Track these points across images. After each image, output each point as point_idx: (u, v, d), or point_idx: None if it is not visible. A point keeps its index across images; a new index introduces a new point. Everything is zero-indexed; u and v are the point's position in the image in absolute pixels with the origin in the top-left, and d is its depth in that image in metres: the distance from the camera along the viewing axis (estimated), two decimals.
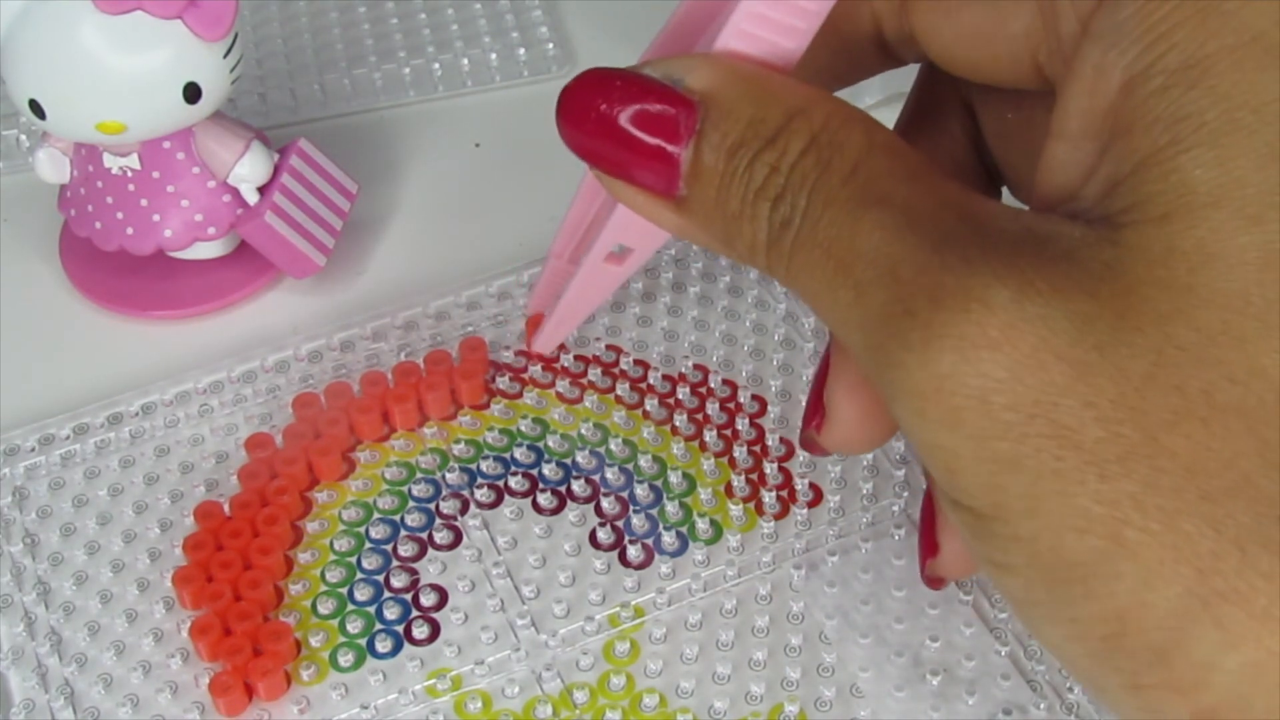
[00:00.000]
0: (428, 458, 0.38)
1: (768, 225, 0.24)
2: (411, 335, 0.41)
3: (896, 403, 0.22)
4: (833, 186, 0.23)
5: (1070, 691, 0.33)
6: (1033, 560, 0.22)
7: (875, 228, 0.23)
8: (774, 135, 0.24)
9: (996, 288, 0.21)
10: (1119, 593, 0.21)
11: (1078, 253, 0.22)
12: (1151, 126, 0.22)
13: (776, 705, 0.33)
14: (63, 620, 0.35)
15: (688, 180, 0.25)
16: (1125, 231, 0.22)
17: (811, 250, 0.23)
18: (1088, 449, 0.21)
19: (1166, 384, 0.21)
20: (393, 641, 0.34)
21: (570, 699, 0.33)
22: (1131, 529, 0.21)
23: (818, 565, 0.35)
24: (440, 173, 0.47)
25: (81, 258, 0.43)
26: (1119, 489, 0.21)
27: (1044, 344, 0.21)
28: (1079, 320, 0.21)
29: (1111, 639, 0.21)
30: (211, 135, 0.40)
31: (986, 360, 0.21)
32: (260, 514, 0.36)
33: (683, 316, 0.41)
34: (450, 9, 0.52)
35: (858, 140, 0.24)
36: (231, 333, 0.42)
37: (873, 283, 0.22)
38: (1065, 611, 0.22)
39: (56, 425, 0.39)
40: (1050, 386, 0.21)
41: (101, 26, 0.37)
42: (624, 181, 0.26)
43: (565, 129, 0.26)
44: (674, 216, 0.26)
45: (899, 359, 0.22)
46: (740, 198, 0.24)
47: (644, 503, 0.37)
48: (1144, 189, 0.22)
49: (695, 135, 0.24)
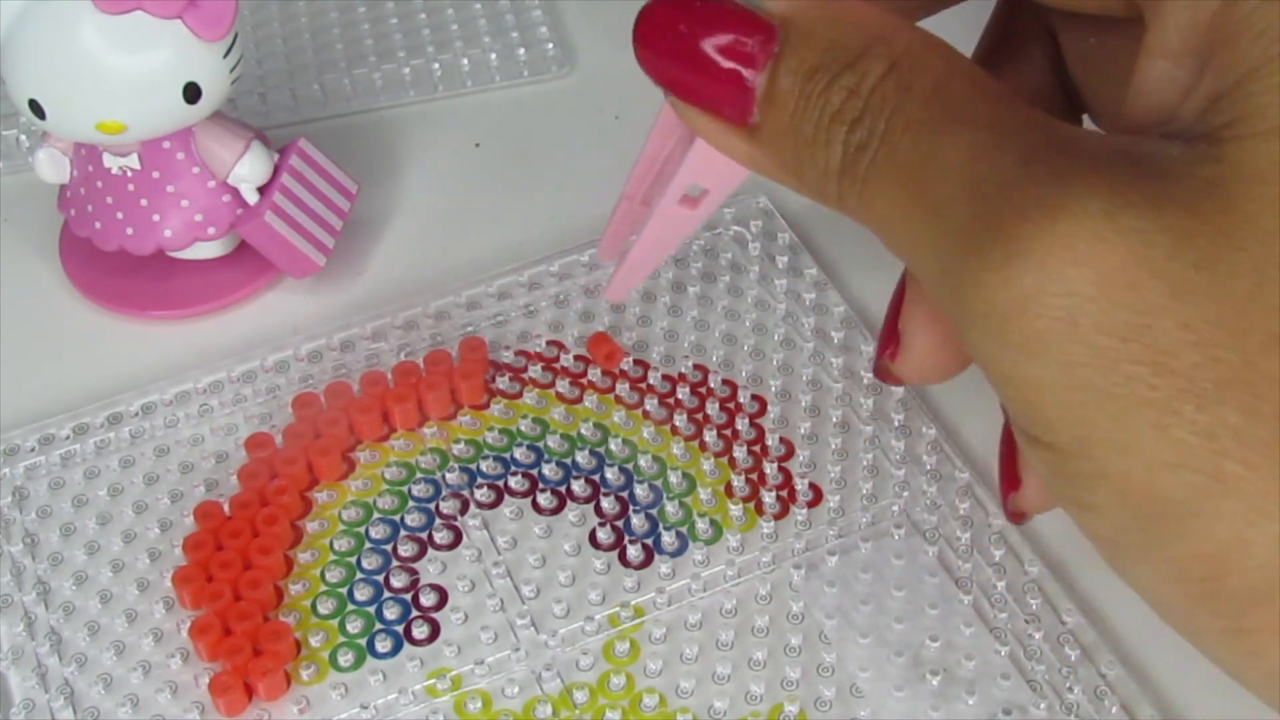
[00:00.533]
0: (427, 458, 0.38)
1: (843, 150, 0.23)
2: (411, 335, 0.41)
3: (973, 327, 0.21)
4: (913, 109, 0.22)
5: (1070, 691, 0.33)
6: (1122, 499, 0.21)
7: (959, 148, 0.22)
8: (854, 60, 0.23)
9: (1087, 198, 0.20)
10: (1218, 531, 0.20)
11: (1176, 169, 0.21)
12: (1259, 38, 0.21)
13: (776, 705, 0.33)
14: (63, 620, 0.35)
15: (762, 105, 0.24)
16: (1229, 147, 0.21)
17: (889, 174, 0.22)
18: (1184, 375, 0.20)
19: (1269, 305, 0.20)
20: (393, 641, 0.34)
21: (570, 699, 0.33)
22: (1231, 462, 0.19)
23: (817, 565, 0.35)
24: (440, 173, 0.47)
25: (81, 258, 0.43)
26: (1218, 418, 0.19)
27: (1138, 259, 0.20)
28: (1177, 235, 0.20)
29: (1211, 580, 0.20)
30: (211, 135, 0.40)
31: (1075, 277, 0.20)
32: (260, 514, 0.36)
33: (682, 317, 0.41)
34: (450, 9, 0.51)
35: (938, 65, 0.23)
36: (231, 333, 0.42)
37: (954, 199, 0.21)
38: (1159, 553, 0.21)
39: (56, 425, 0.39)
40: (1145, 306, 0.20)
41: (101, 26, 0.37)
42: (698, 108, 0.25)
43: (641, 51, 0.25)
44: (746, 146, 0.25)
45: (977, 278, 0.21)
46: (815, 122, 0.23)
47: (644, 503, 0.37)
48: (1250, 102, 0.21)
49: (773, 59, 0.24)
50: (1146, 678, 0.33)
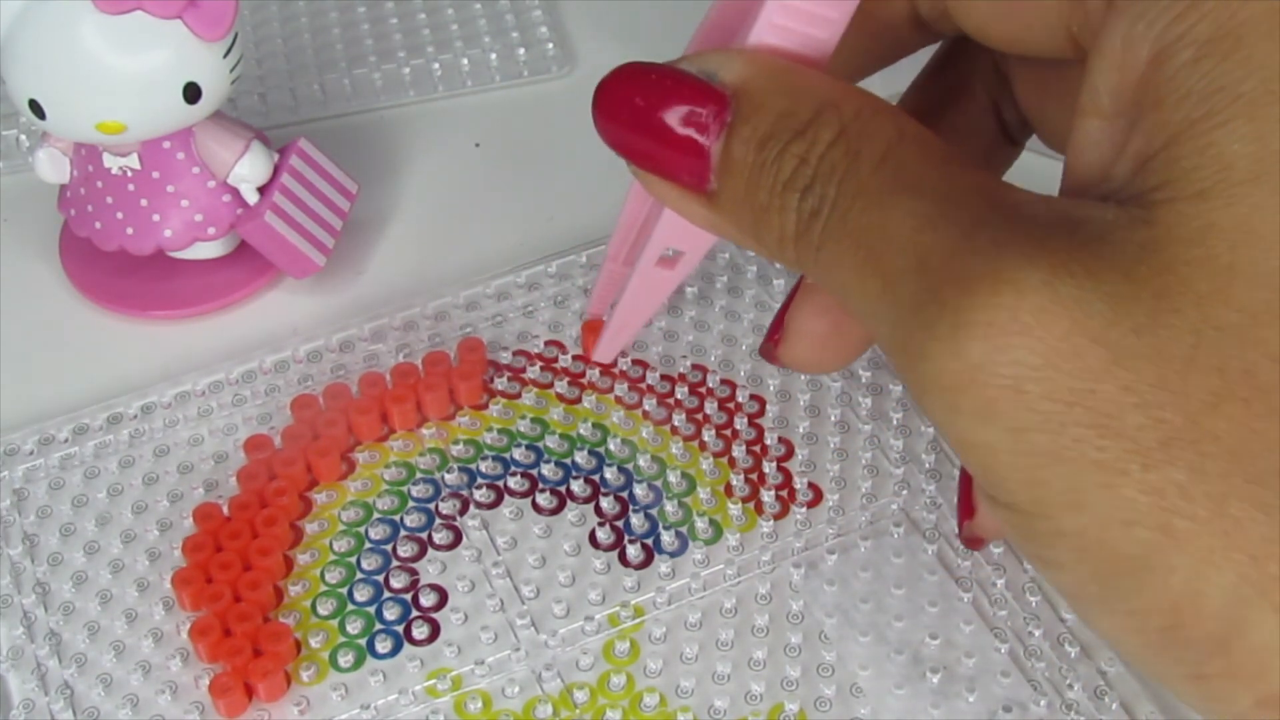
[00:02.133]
0: (427, 458, 0.38)
1: (796, 216, 0.24)
2: (410, 336, 0.41)
3: (927, 396, 0.22)
4: (862, 176, 0.23)
5: (1070, 689, 0.33)
6: (1081, 556, 0.21)
7: (906, 216, 0.22)
8: (803, 127, 0.24)
9: (1028, 270, 0.21)
10: (1172, 584, 0.20)
11: (1112, 234, 0.21)
12: (1184, 100, 0.21)
13: (776, 704, 0.33)
14: (62, 621, 0.35)
15: (718, 173, 0.25)
16: (1160, 210, 0.21)
17: (840, 240, 0.23)
18: (1129, 436, 0.20)
19: (1207, 365, 0.20)
20: (393, 642, 0.34)
21: (570, 699, 0.33)
22: (1180, 518, 0.20)
23: (817, 564, 0.35)
24: (440, 173, 0.47)
25: (81, 258, 0.43)
26: (1164, 477, 0.20)
27: (1079, 327, 0.20)
28: (1115, 302, 0.20)
29: (1169, 630, 0.21)
30: (211, 135, 0.40)
31: (1019, 347, 0.20)
32: (259, 515, 0.36)
33: (681, 316, 0.41)
34: (450, 9, 0.52)
35: (887, 131, 0.23)
36: (231, 333, 0.42)
37: (902, 272, 0.22)
38: (1119, 605, 0.21)
39: (56, 426, 0.39)
40: (1087, 372, 0.20)
41: (101, 26, 0.37)
42: (658, 176, 0.26)
43: (601, 122, 0.26)
44: (705, 211, 0.25)
45: (928, 350, 0.21)
46: (769, 189, 0.24)
47: (643, 502, 0.37)
48: (1178, 165, 0.21)
49: (726, 128, 0.24)
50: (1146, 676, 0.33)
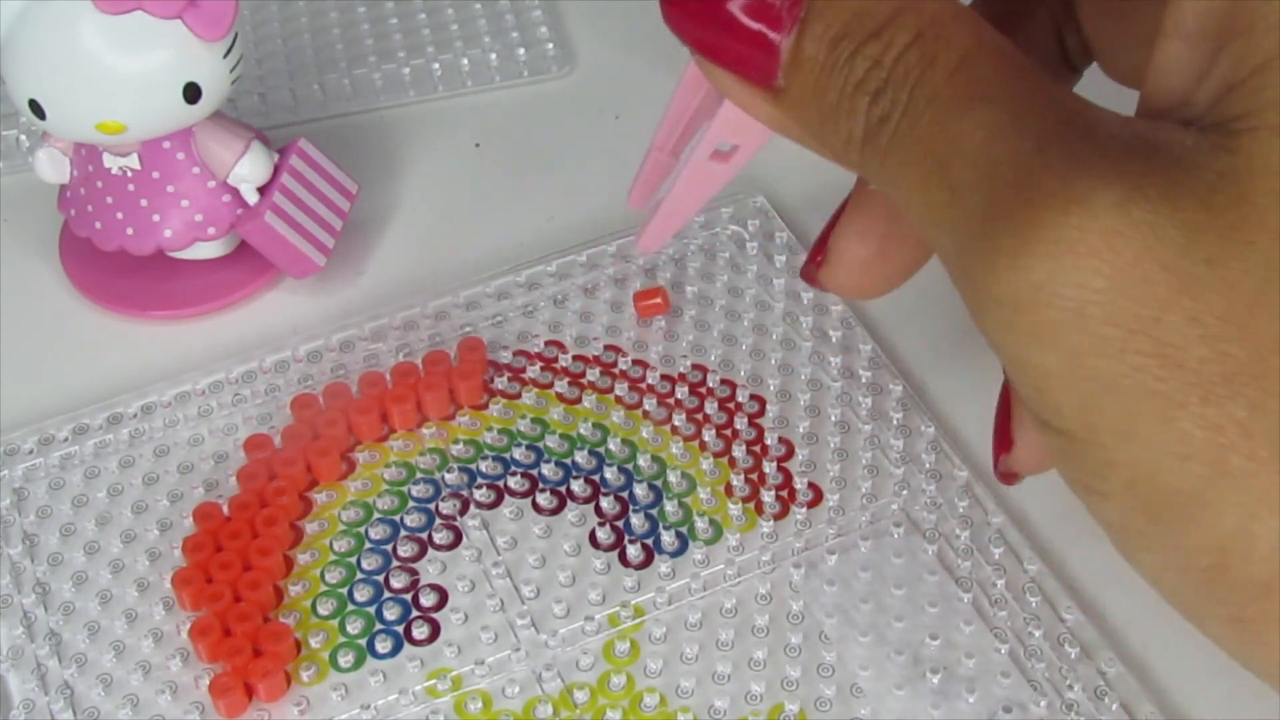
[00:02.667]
0: (427, 458, 0.38)
1: (865, 120, 0.23)
2: (410, 335, 0.41)
3: (985, 313, 0.21)
4: (936, 83, 0.22)
5: (1070, 689, 0.33)
6: (1130, 487, 0.21)
7: (978, 126, 0.22)
8: (879, 28, 0.23)
9: (1101, 190, 0.20)
10: (1223, 523, 0.20)
11: (1190, 160, 0.21)
12: (1273, 29, 0.21)
13: (777, 704, 0.33)
14: (62, 621, 0.35)
15: (787, 70, 0.24)
16: (1242, 139, 0.21)
17: (909, 148, 0.22)
18: (1191, 368, 0.20)
19: (1278, 303, 0.20)
20: (393, 642, 0.34)
21: (570, 699, 0.33)
22: (1237, 456, 0.20)
23: (817, 564, 0.35)
24: (440, 173, 0.47)
25: (81, 258, 0.43)
26: (1224, 412, 0.20)
27: (1149, 253, 0.20)
28: (1189, 230, 0.20)
29: (1214, 570, 0.20)
30: (211, 135, 0.40)
31: (1085, 269, 0.20)
32: (259, 515, 0.36)
33: (681, 316, 0.41)
34: (450, 9, 0.51)
35: (964, 37, 0.23)
36: (231, 333, 0.42)
37: (971, 183, 0.21)
38: (1165, 540, 0.21)
39: (56, 426, 0.39)
40: (1153, 300, 0.20)
41: (101, 26, 0.37)
42: (723, 68, 0.25)
43: (668, 10, 0.25)
44: (769, 108, 0.25)
45: (991, 264, 0.21)
46: (839, 90, 0.23)
47: (643, 502, 0.37)
48: (1264, 94, 0.21)
49: (799, 23, 0.23)
50: (1146, 675, 0.33)
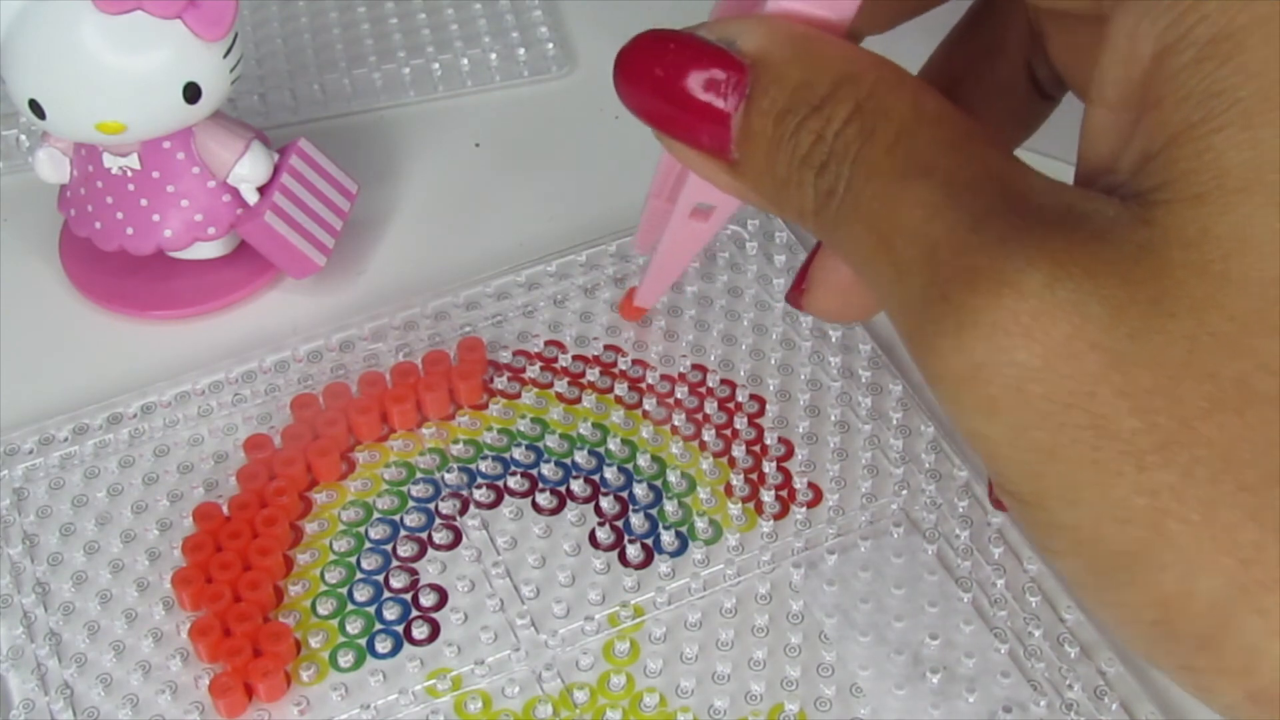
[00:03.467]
0: (426, 458, 0.38)
1: (814, 193, 0.24)
2: (410, 335, 0.41)
3: (934, 386, 0.22)
4: (875, 157, 0.23)
5: (1070, 689, 0.33)
6: (1077, 548, 0.22)
7: (915, 205, 0.22)
8: (820, 102, 0.24)
9: (1029, 271, 0.21)
10: (1164, 582, 0.21)
11: (1113, 232, 0.21)
12: (1183, 101, 0.21)
13: (777, 704, 0.33)
14: (62, 621, 0.35)
15: (739, 143, 0.24)
16: (1158, 211, 0.21)
17: (854, 223, 0.23)
18: (1125, 439, 0.20)
19: (1201, 371, 0.20)
20: (393, 642, 0.34)
21: (570, 699, 0.33)
22: (1172, 519, 0.20)
23: (817, 564, 0.35)
24: (440, 173, 0.47)
25: (81, 258, 0.43)
26: (1158, 479, 0.20)
27: (1077, 331, 0.21)
28: (1112, 306, 0.21)
29: (1160, 624, 0.21)
30: (211, 135, 0.40)
31: (1020, 348, 0.21)
32: (259, 515, 0.36)
33: (681, 316, 0.41)
34: (450, 9, 0.51)
35: (903, 109, 0.23)
36: (231, 333, 0.42)
37: (912, 263, 0.22)
38: (1112, 596, 0.22)
39: (56, 426, 0.39)
40: (1084, 375, 0.21)
41: (101, 26, 0.37)
42: (682, 142, 0.25)
43: (623, 90, 0.25)
44: (729, 178, 0.25)
45: (935, 345, 0.22)
46: (787, 164, 0.24)
47: (643, 502, 0.37)
48: (1176, 167, 0.21)
49: (745, 99, 0.24)
50: (1146, 675, 0.33)
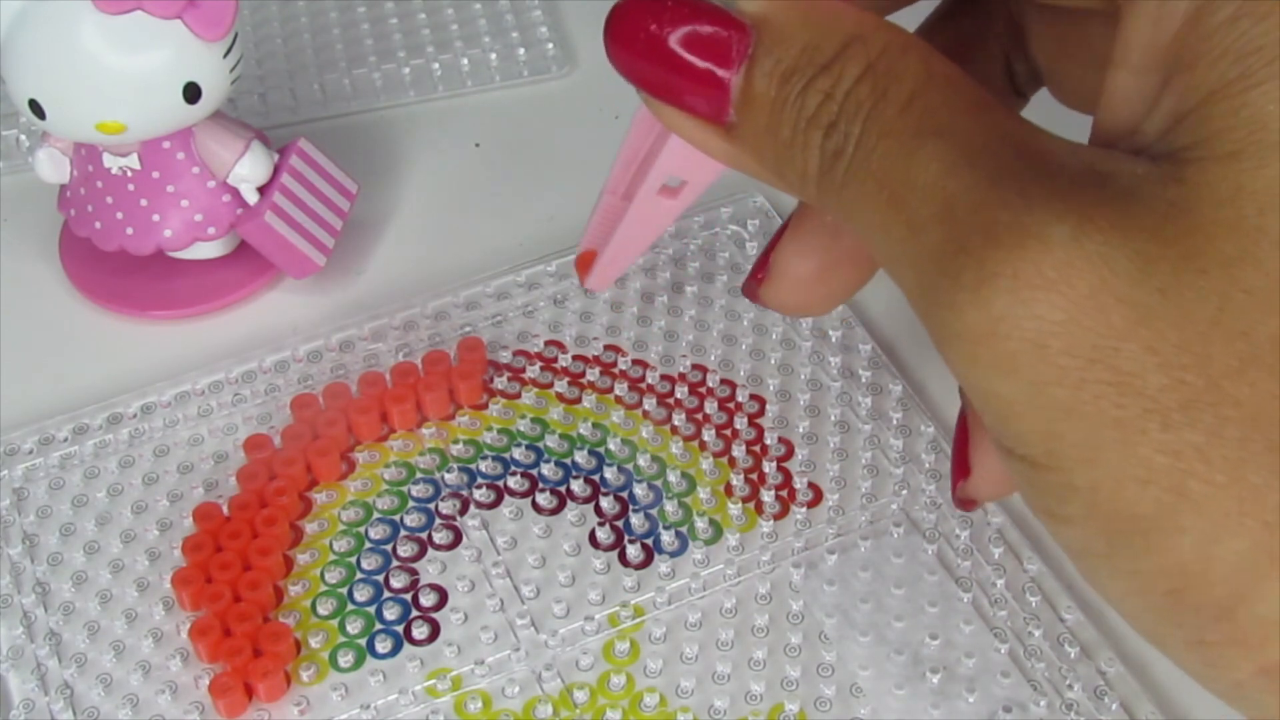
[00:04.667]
0: (426, 458, 0.38)
1: (819, 154, 0.23)
2: (410, 335, 0.41)
3: (948, 346, 0.22)
4: (888, 116, 0.22)
5: (1070, 689, 0.33)
6: (1091, 511, 0.21)
7: (931, 160, 0.22)
8: (829, 62, 0.23)
9: (1054, 224, 0.20)
10: (1183, 546, 0.20)
11: (1141, 190, 0.21)
12: (1220, 59, 0.21)
13: (777, 704, 0.33)
14: (62, 621, 0.35)
15: (738, 106, 0.24)
16: (1191, 169, 0.21)
17: (864, 182, 0.23)
18: (1150, 396, 0.20)
19: (1232, 329, 0.20)
20: (393, 642, 0.34)
21: (570, 699, 0.33)
22: (1196, 480, 0.20)
23: (817, 564, 0.35)
24: (440, 173, 0.47)
25: (81, 258, 0.43)
26: (1183, 438, 0.20)
27: (1104, 285, 0.20)
28: (1141, 260, 0.20)
29: (1174, 594, 0.21)
30: (211, 135, 0.40)
31: (1042, 301, 0.20)
32: (259, 515, 0.36)
33: (681, 316, 0.41)
34: (450, 9, 0.52)
35: (915, 69, 0.23)
36: (231, 333, 0.42)
37: (927, 219, 0.22)
38: (1126, 565, 0.21)
39: (56, 426, 0.39)
40: (1110, 330, 0.20)
41: (101, 26, 0.37)
42: (673, 107, 0.25)
43: (613, 50, 0.24)
44: (724, 144, 0.25)
45: (951, 299, 0.21)
46: (792, 125, 0.23)
47: (643, 502, 0.37)
48: (1211, 124, 0.21)
49: (748, 60, 0.23)
50: (1146, 675, 0.33)
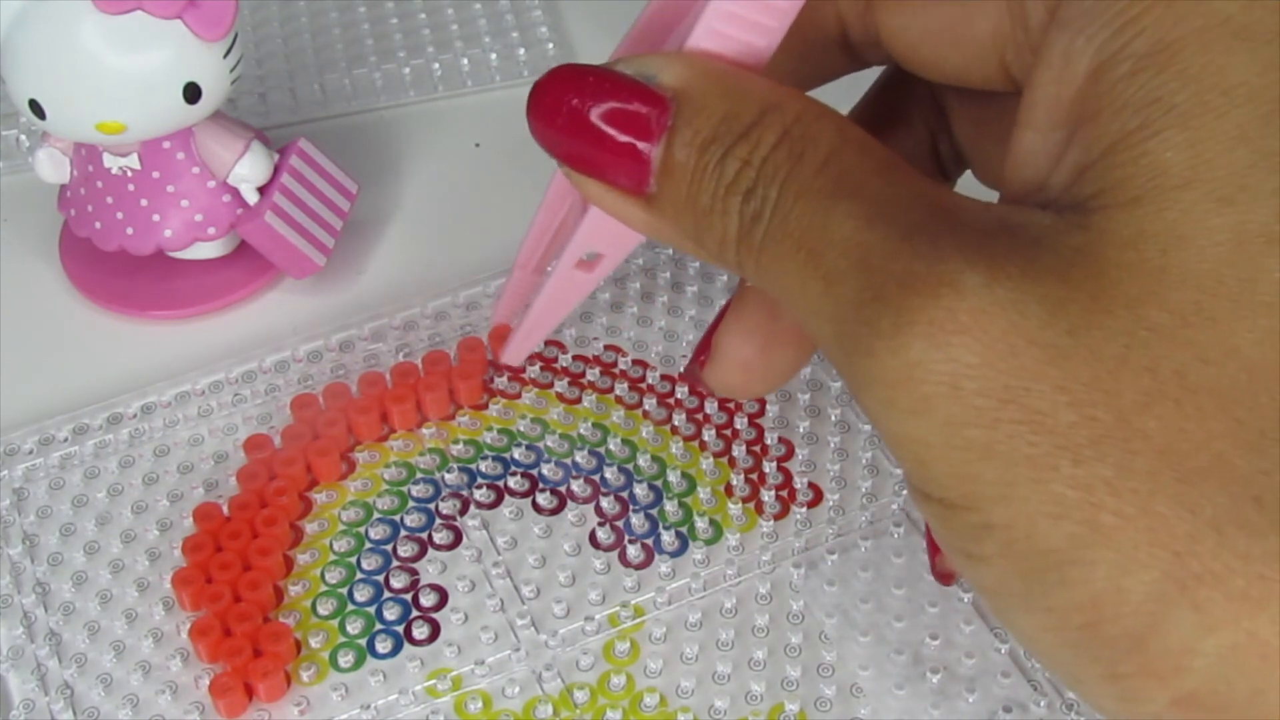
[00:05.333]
0: (427, 458, 0.38)
1: (738, 219, 0.24)
2: (410, 335, 0.41)
3: (865, 392, 0.22)
4: (805, 179, 0.23)
5: (1070, 689, 0.33)
6: (1006, 549, 0.21)
7: (846, 218, 0.23)
8: (746, 130, 0.24)
9: (967, 272, 0.21)
10: (1095, 579, 0.21)
11: (1048, 239, 0.22)
12: (1120, 111, 0.22)
13: (777, 704, 0.33)
14: (62, 621, 0.35)
15: (658, 177, 0.25)
16: (1095, 216, 0.22)
17: (781, 242, 0.23)
18: (1061, 433, 0.21)
19: (1139, 366, 0.21)
20: (393, 642, 0.34)
21: (570, 699, 0.33)
22: (1106, 513, 0.20)
23: (817, 564, 0.35)
24: (440, 173, 0.47)
25: (81, 258, 0.43)
26: (1093, 473, 0.20)
27: (1015, 328, 0.21)
28: (1050, 304, 0.21)
29: (1088, 627, 0.21)
30: (211, 135, 0.40)
31: (957, 345, 0.21)
32: (259, 515, 0.36)
33: (681, 316, 0.41)
34: (450, 9, 0.52)
35: (830, 134, 0.24)
36: (231, 333, 0.42)
37: (843, 272, 0.22)
38: (1040, 601, 0.22)
39: (56, 426, 0.39)
40: (1022, 371, 0.21)
41: (101, 26, 0.37)
42: (594, 179, 0.25)
43: (536, 125, 0.25)
44: (644, 214, 0.25)
45: (868, 346, 0.22)
46: (711, 192, 0.24)
47: (644, 502, 0.37)
48: (1113, 174, 0.22)
49: (667, 131, 0.24)
50: None
